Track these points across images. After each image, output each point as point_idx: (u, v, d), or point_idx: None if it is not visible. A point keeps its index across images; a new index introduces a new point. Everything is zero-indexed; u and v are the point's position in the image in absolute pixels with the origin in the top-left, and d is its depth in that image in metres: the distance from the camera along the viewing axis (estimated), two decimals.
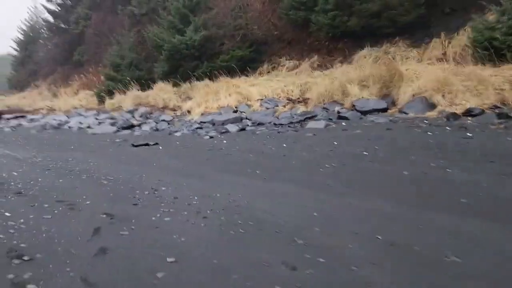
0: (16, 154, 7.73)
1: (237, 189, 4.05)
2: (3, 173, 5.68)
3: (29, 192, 4.42)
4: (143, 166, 5.78)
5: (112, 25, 22.15)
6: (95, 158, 6.75)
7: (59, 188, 4.58)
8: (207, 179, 4.68)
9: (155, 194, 4.05)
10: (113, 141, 9.12)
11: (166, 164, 5.81)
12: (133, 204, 3.68)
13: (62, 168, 5.93)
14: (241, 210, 3.34)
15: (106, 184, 4.67)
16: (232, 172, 5.00)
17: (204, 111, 11.51)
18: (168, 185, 4.44)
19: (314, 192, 3.82)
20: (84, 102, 18.70)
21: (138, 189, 4.29)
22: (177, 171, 5.27)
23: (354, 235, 2.72)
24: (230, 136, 8.44)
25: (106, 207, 3.65)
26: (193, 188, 4.25)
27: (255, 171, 4.92)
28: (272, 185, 4.18)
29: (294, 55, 14.20)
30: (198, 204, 3.58)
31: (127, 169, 5.56)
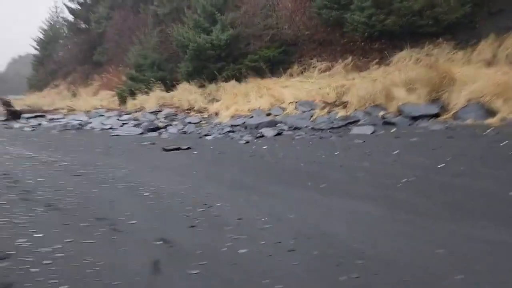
0: (39, 156, 7.19)
1: (309, 208, 3.37)
2: (29, 179, 5.10)
3: (60, 205, 3.81)
4: (183, 174, 5.14)
5: (134, 24, 21.73)
6: (126, 163, 6.15)
7: (95, 200, 3.96)
8: (264, 192, 4.01)
9: (212, 212, 3.39)
10: (141, 144, 8.53)
11: (208, 173, 5.16)
12: (190, 226, 3.03)
13: (93, 175, 5.32)
14: (333, 241, 2.65)
15: (149, 196, 4.02)
16: (290, 184, 4.32)
17: (234, 113, 10.86)
18: (222, 199, 3.77)
19: (408, 216, 3.12)
20: (105, 103, 18.26)
21: (188, 205, 3.64)
22: (225, 181, 4.61)
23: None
24: (268, 141, 7.76)
25: (157, 229, 3.00)
26: (254, 204, 3.58)
27: (317, 184, 4.23)
28: (349, 203, 3.48)
29: (326, 56, 13.47)
30: (273, 229, 2.91)
31: (167, 178, 4.92)
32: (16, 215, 3.50)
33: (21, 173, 5.58)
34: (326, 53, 13.65)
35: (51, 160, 6.72)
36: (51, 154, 7.35)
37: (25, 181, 4.96)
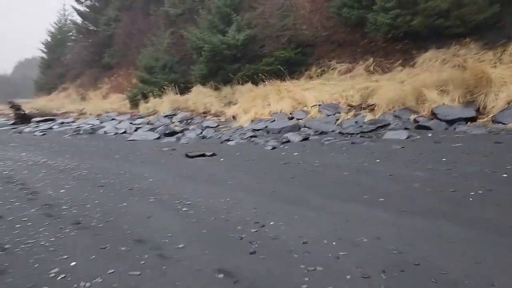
0: (55, 163, 6.79)
1: (381, 229, 2.90)
2: (50, 190, 4.68)
3: (90, 223, 3.37)
4: (217, 184, 4.69)
5: (143, 26, 21.41)
6: (151, 171, 5.71)
7: (128, 217, 3.52)
8: (317, 207, 3.55)
9: (268, 233, 2.94)
10: (161, 150, 8.10)
11: (244, 183, 4.71)
12: (250, 253, 2.57)
13: (118, 185, 4.89)
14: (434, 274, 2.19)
15: (188, 212, 3.58)
16: (342, 197, 3.85)
17: (254, 117, 10.42)
18: (273, 216, 3.32)
19: (507, 239, 2.65)
20: (116, 106, 17.88)
21: (236, 223, 3.19)
22: (266, 193, 4.16)
23: None
24: (296, 147, 7.31)
25: (211, 256, 2.56)
26: (313, 223, 3.12)
27: (374, 197, 3.77)
28: (426, 224, 3.00)
29: (345, 57, 13.01)
30: (350, 257, 2.45)
31: (201, 189, 4.47)
32: (42, 235, 3.08)
33: (39, 182, 5.17)
34: (345, 54, 13.19)
35: (69, 167, 6.31)
36: (67, 161, 6.94)
37: (46, 193, 4.55)
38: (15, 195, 4.49)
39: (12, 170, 6.14)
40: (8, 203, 4.09)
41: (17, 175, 5.71)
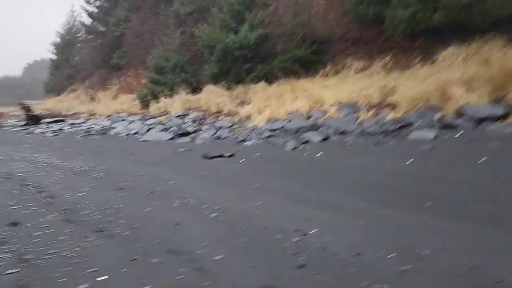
0: (70, 164, 6.56)
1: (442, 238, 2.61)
2: (67, 193, 4.44)
3: (115, 230, 3.12)
4: (243, 187, 4.42)
5: (153, 26, 21.22)
6: (170, 173, 5.46)
7: (155, 223, 3.27)
8: (360, 213, 3.26)
9: (314, 243, 2.66)
10: (176, 151, 7.86)
11: (273, 186, 4.43)
12: (298, 267, 2.30)
13: (138, 188, 4.64)
14: None
15: (218, 219, 3.32)
16: (383, 202, 3.56)
17: (270, 117, 10.14)
18: (313, 223, 3.05)
19: None
20: (126, 107, 17.70)
21: (276, 231, 2.92)
22: (298, 197, 3.88)
23: None
24: (318, 148, 7.02)
25: (255, 270, 2.29)
26: (360, 231, 2.85)
27: (419, 202, 3.48)
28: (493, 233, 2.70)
29: (361, 55, 12.67)
30: (417, 272, 2.17)
31: (225, 192, 4.22)
32: (65, 244, 2.83)
33: (55, 185, 4.94)
34: (361, 51, 12.85)
35: (84, 169, 6.08)
36: (82, 163, 6.72)
37: (63, 197, 4.31)
38: (31, 198, 4.26)
39: (27, 172, 5.93)
40: (26, 208, 3.86)
41: (32, 177, 5.49)
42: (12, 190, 4.74)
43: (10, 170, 6.18)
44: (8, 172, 5.92)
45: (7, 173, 5.87)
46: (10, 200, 4.19)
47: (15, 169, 6.22)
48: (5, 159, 7.39)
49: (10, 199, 4.27)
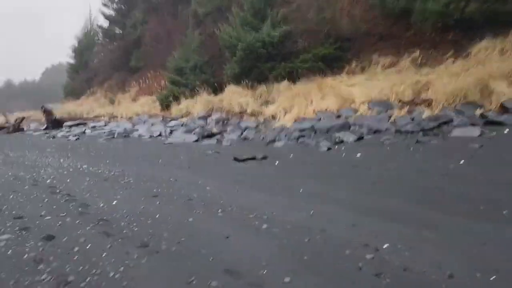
0: (98, 169, 6.34)
1: None
2: (100, 201, 4.19)
3: (160, 245, 2.83)
4: (288, 194, 4.10)
5: (171, 28, 21.09)
6: (204, 177, 5.17)
7: (202, 236, 2.97)
8: (430, 225, 2.90)
9: (392, 262, 2.32)
10: (204, 153, 7.59)
11: (320, 192, 4.09)
12: None
13: (173, 195, 4.36)
14: None
15: (271, 230, 3.00)
16: (450, 210, 3.19)
17: (297, 116, 9.80)
18: (383, 237, 2.70)
19: None
20: (146, 108, 17.56)
21: (342, 246, 2.59)
22: (356, 205, 3.53)
23: None
24: (354, 148, 6.65)
25: None
26: (441, 247, 2.49)
27: (494, 210, 3.09)
28: None
29: (388, 51, 12.19)
30: None
31: (270, 200, 3.90)
32: (108, 263, 2.55)
33: (86, 192, 4.69)
34: (388, 47, 12.38)
35: (113, 175, 5.84)
36: (109, 167, 6.49)
37: (97, 205, 4.05)
38: (63, 208, 4.01)
39: (54, 179, 5.72)
40: (59, 219, 3.61)
41: (60, 184, 5.27)
42: (42, 198, 4.52)
43: (37, 176, 5.99)
44: (36, 179, 5.72)
45: (34, 179, 5.67)
46: (41, 210, 3.96)
47: (42, 175, 6.03)
48: (31, 165, 7.23)
49: (41, 208, 4.04)
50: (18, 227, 3.41)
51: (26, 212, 3.91)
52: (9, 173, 6.36)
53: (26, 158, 8.23)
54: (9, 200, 4.45)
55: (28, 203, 4.30)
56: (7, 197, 4.63)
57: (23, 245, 2.96)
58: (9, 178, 5.91)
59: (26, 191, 4.94)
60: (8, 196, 4.66)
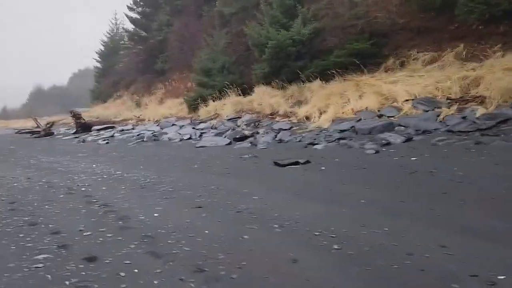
0: (132, 176, 6.05)
1: None
2: (141, 213, 3.84)
3: (218, 270, 2.44)
4: (348, 204, 3.66)
5: (196, 29, 20.86)
6: (247, 185, 4.79)
7: (264, 259, 2.56)
8: None
9: None
10: (241, 157, 7.21)
11: (384, 203, 3.62)
12: None
13: (219, 206, 3.98)
14: None
15: (345, 252, 2.56)
16: None
17: (334, 117, 9.30)
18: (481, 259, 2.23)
19: None
20: (174, 111, 17.38)
21: (439, 273, 2.12)
22: (433, 219, 3.06)
23: None
24: (404, 150, 6.13)
25: None
26: None
27: None
28: None
29: (427, 45, 11.52)
30: None
31: (331, 212, 3.47)
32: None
33: (123, 202, 4.37)
34: (427, 42, 11.70)
35: (150, 182, 5.52)
36: (144, 173, 6.19)
37: (137, 218, 3.71)
38: (102, 221, 3.69)
39: (89, 186, 5.44)
40: (99, 234, 3.28)
41: (96, 193, 4.98)
42: (79, 209, 4.22)
43: (71, 183, 5.74)
44: (70, 187, 5.46)
45: (69, 187, 5.41)
46: (79, 223, 3.64)
47: (76, 182, 5.77)
48: (64, 171, 7.02)
49: (79, 221, 3.72)
50: (56, 245, 3.09)
51: (64, 225, 3.61)
52: (43, 179, 6.14)
53: (59, 163, 8.06)
54: (44, 211, 4.17)
55: (65, 215, 4.00)
56: (42, 207, 4.36)
57: (63, 268, 2.62)
58: (43, 185, 5.67)
59: (62, 200, 4.66)
60: (43, 206, 4.39)
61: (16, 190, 5.40)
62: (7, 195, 5.08)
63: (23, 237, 3.34)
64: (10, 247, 3.10)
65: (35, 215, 4.04)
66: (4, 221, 3.86)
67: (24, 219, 3.88)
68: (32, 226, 3.63)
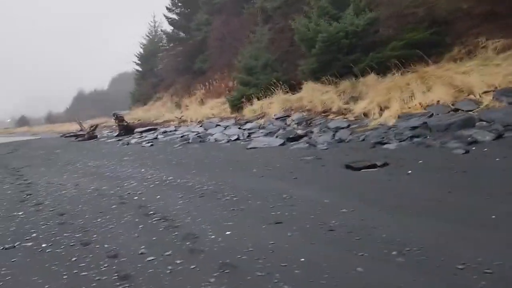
0: (187, 182, 5.45)
1: None
2: (209, 230, 3.19)
3: None
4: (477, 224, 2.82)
5: (236, 27, 20.34)
6: (325, 194, 4.03)
7: None
8: None
9: None
10: (300, 159, 6.47)
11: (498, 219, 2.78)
12: None
13: (303, 222, 3.25)
14: None
15: None
16: None
17: (400, 112, 8.37)
18: None
19: None
20: (216, 111, 16.91)
21: None
22: None
23: None
24: (500, 150, 5.17)
25: None
26: None
27: None
28: None
29: (498, 32, 10.33)
30: None
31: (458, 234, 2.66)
32: None
33: (185, 215, 3.75)
34: (497, 28, 10.48)
35: (206, 189, 4.90)
36: (199, 179, 5.58)
37: (207, 237, 3.06)
38: (165, 240, 3.07)
39: (141, 194, 4.89)
40: (165, 260, 2.65)
41: (151, 202, 4.40)
42: (135, 223, 3.64)
43: (122, 191, 5.21)
44: (121, 195, 4.92)
45: (120, 196, 4.88)
46: (138, 244, 3.04)
47: (127, 190, 5.24)
48: (112, 176, 6.55)
49: (138, 240, 3.13)
50: (116, 274, 2.49)
51: (121, 246, 3.01)
52: (92, 186, 5.67)
53: (106, 168, 7.64)
54: (97, 226, 3.61)
55: (121, 231, 3.42)
56: (95, 220, 3.81)
57: None
58: (93, 193, 5.18)
59: (115, 212, 4.10)
60: (95, 219, 3.84)
61: (64, 199, 4.93)
62: (56, 205, 4.60)
63: (75, 261, 2.77)
64: (62, 276, 2.52)
65: (88, 230, 3.49)
66: (54, 238, 3.33)
67: (75, 236, 3.33)
68: (85, 246, 3.06)
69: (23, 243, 3.27)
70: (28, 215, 4.16)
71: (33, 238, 3.38)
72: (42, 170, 7.89)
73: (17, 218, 4.08)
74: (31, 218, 4.05)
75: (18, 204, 4.74)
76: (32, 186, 6.00)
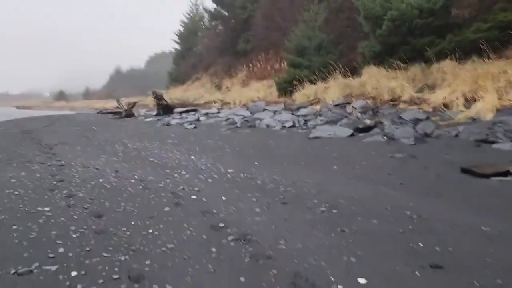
0: (254, 177, 4.31)
1: None
2: (320, 268, 2.01)
3: None
4: None
5: (286, 4, 18.88)
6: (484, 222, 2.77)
7: None
8: None
9: None
10: (383, 155, 5.23)
11: None
12: None
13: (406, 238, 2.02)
14: None
15: None
16: None
17: (500, 105, 6.90)
18: None
19: None
20: (261, 95, 15.70)
21: None
22: None
23: None
24: None
25: None
26: None
27: None
28: None
29: None
30: None
31: None
32: None
33: (275, 235, 2.59)
34: None
35: (284, 190, 3.74)
36: (268, 174, 4.44)
37: (327, 282, 1.88)
38: (253, 274, 1.92)
39: (200, 192, 3.78)
40: None
41: (217, 207, 3.29)
42: (201, 239, 2.54)
43: (173, 185, 4.12)
44: (174, 192, 3.83)
45: (173, 193, 3.78)
46: (212, 276, 1.89)
47: (180, 184, 4.15)
48: (158, 163, 5.50)
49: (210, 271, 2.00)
50: None
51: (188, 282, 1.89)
52: (135, 175, 4.62)
53: (148, 151, 6.61)
54: (150, 244, 2.50)
55: (185, 257, 2.30)
56: (144, 229, 2.73)
57: None
58: (137, 185, 4.11)
59: (169, 218, 3.00)
60: (145, 229, 2.75)
61: (102, 191, 3.87)
62: (91, 199, 3.55)
63: None
64: None
65: (136, 250, 2.39)
66: (89, 260, 2.25)
67: (120, 260, 2.24)
68: (136, 285, 1.96)
69: (43, 265, 2.21)
70: (56, 213, 3.12)
71: (59, 256, 2.32)
72: (77, 149, 6.97)
73: (42, 216, 3.05)
74: (59, 218, 3.01)
75: (46, 194, 3.73)
76: (65, 169, 5.02)
